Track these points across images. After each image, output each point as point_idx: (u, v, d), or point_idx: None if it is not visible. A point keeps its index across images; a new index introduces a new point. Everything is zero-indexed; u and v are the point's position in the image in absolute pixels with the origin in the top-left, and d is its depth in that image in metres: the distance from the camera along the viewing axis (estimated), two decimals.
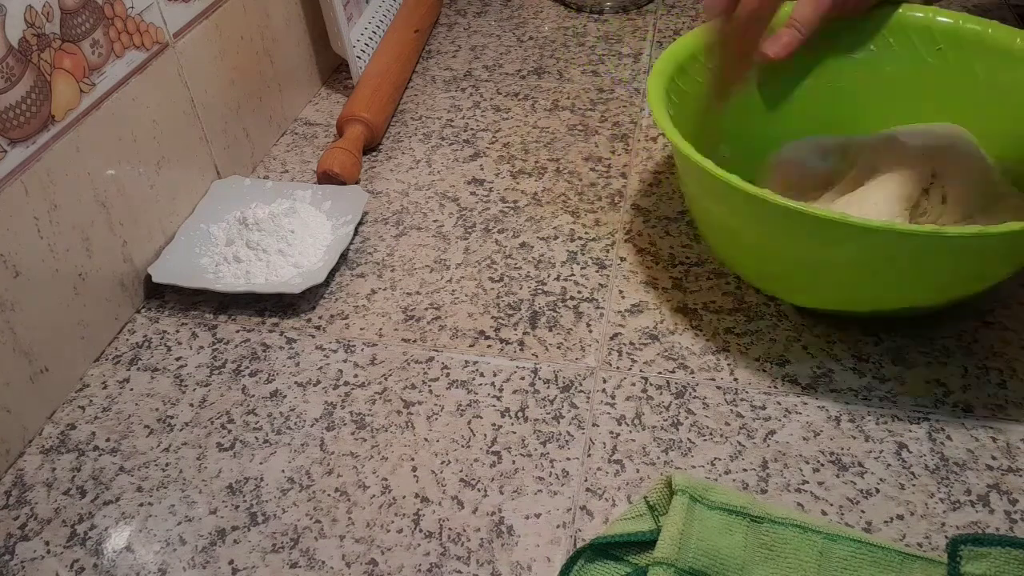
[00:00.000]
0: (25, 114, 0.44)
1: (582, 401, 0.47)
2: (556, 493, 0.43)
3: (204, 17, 0.59)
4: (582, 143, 0.68)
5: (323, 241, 0.57)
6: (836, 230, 0.41)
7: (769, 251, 0.47)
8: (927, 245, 0.41)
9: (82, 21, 0.48)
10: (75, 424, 0.47)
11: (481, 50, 0.82)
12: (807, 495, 0.42)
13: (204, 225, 0.58)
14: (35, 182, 0.45)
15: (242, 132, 0.65)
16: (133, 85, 0.52)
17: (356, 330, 0.52)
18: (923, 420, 0.45)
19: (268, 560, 0.40)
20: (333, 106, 0.75)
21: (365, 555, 0.40)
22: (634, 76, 0.76)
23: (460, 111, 0.73)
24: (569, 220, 0.60)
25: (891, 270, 0.44)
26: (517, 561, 0.40)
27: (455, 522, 0.42)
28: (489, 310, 0.53)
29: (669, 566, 0.35)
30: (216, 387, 0.49)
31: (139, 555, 0.41)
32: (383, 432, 0.46)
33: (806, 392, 0.47)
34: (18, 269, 0.44)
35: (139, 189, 0.54)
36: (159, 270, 0.54)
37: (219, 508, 0.43)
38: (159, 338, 0.53)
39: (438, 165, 0.66)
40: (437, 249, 0.58)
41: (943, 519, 0.41)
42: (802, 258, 0.46)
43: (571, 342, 0.51)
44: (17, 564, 0.41)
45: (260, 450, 0.46)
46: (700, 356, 0.49)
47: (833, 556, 0.36)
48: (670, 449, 0.44)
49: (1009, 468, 0.43)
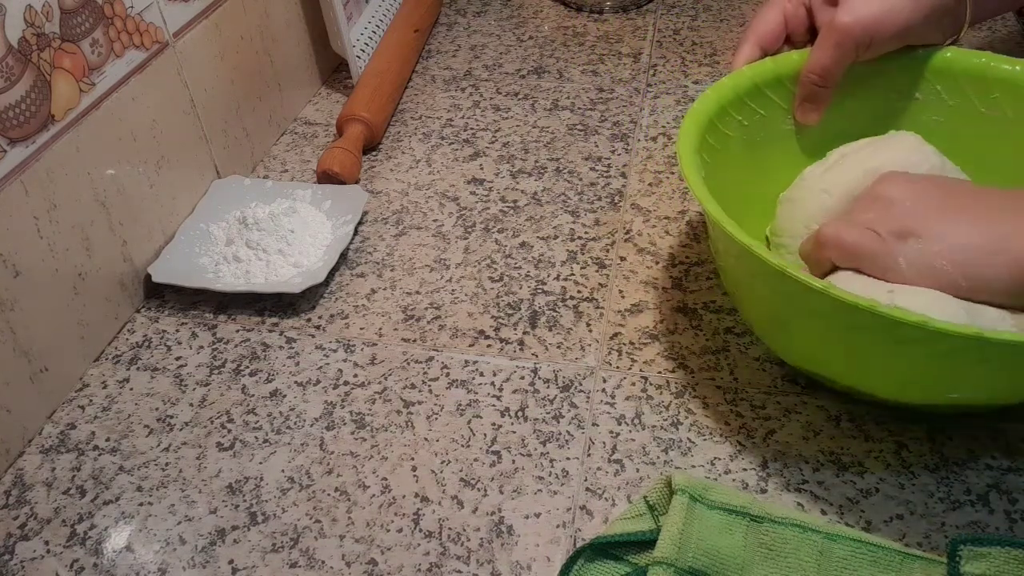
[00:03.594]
0: (25, 114, 0.44)
1: (582, 401, 0.47)
2: (556, 493, 0.43)
3: (204, 17, 0.59)
4: (582, 143, 0.68)
5: (323, 241, 0.57)
6: (909, 331, 0.36)
7: (826, 339, 0.42)
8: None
9: (82, 21, 0.48)
10: (75, 424, 0.47)
11: (481, 50, 0.82)
12: (807, 495, 0.42)
13: (204, 225, 0.58)
14: (35, 182, 0.45)
15: (242, 132, 0.65)
16: (133, 85, 0.52)
17: (356, 330, 0.52)
18: (923, 420, 0.45)
19: (268, 560, 0.40)
20: (333, 106, 0.75)
21: (365, 555, 0.40)
22: (634, 76, 0.76)
23: (460, 111, 0.73)
24: (569, 220, 0.60)
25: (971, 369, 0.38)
26: (517, 561, 0.40)
27: (455, 522, 0.42)
28: (489, 310, 0.53)
29: (669, 566, 0.35)
30: (216, 387, 0.49)
31: (139, 555, 0.41)
32: (383, 432, 0.46)
33: (806, 392, 0.47)
34: (18, 269, 0.44)
35: (139, 189, 0.54)
36: (159, 270, 0.54)
37: (219, 508, 0.43)
38: (159, 338, 0.53)
39: (438, 165, 0.66)
40: (437, 249, 0.58)
41: (943, 519, 0.41)
42: (867, 350, 0.40)
43: (571, 342, 0.51)
44: (17, 564, 0.41)
45: (260, 450, 0.46)
46: (700, 356, 0.49)
47: (833, 556, 0.36)
48: (670, 449, 0.44)
49: (1009, 468, 0.43)
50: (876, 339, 0.38)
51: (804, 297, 0.39)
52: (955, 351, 0.37)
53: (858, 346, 0.40)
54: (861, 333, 0.39)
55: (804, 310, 0.40)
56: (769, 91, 0.52)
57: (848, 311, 0.37)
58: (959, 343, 0.35)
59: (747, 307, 0.47)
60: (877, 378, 0.42)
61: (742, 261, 0.43)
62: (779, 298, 0.42)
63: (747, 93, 0.51)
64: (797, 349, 0.45)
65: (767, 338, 0.47)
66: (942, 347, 0.36)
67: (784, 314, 0.43)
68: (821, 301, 0.37)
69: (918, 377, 0.40)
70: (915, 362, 0.39)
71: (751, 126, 0.52)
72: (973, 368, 0.38)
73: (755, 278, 0.43)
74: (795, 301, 0.40)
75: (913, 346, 0.37)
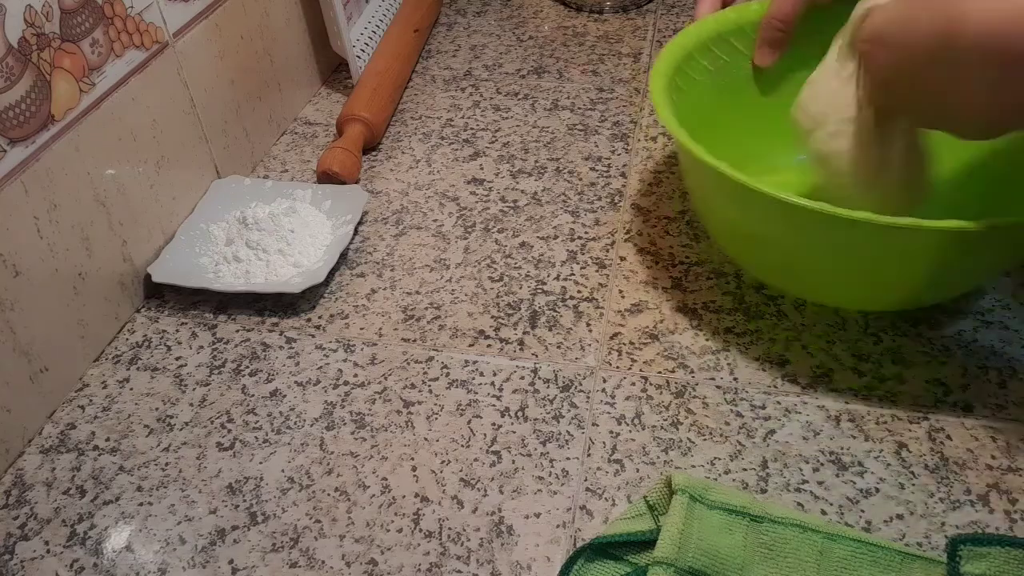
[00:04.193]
0: (25, 114, 0.44)
1: (582, 401, 0.47)
2: (556, 493, 0.43)
3: (204, 17, 0.59)
4: (582, 143, 0.68)
5: (323, 241, 0.57)
6: (857, 228, 0.41)
7: (783, 247, 0.47)
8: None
9: (82, 21, 0.48)
10: (75, 424, 0.47)
11: (481, 50, 0.82)
12: (807, 495, 0.42)
13: (204, 225, 0.58)
14: (35, 182, 0.45)
15: (242, 132, 0.65)
16: (133, 85, 0.52)
17: (356, 330, 0.52)
18: (923, 420, 0.45)
19: (268, 560, 0.40)
20: (333, 105, 0.75)
21: (365, 555, 0.40)
22: (634, 76, 0.76)
23: (460, 111, 0.73)
24: (569, 220, 0.60)
25: (912, 263, 0.44)
26: (517, 561, 0.40)
27: (455, 522, 0.42)
28: (489, 310, 0.53)
29: (669, 566, 0.35)
30: (216, 387, 0.49)
31: (139, 555, 0.41)
32: (383, 432, 0.46)
33: (806, 392, 0.47)
34: (18, 269, 0.44)
35: (139, 189, 0.54)
36: (159, 270, 0.54)
37: (219, 508, 0.43)
38: (159, 338, 0.53)
39: (438, 165, 0.66)
40: (437, 249, 0.58)
41: (943, 519, 0.41)
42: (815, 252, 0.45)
43: (571, 342, 0.51)
44: (17, 564, 0.41)
45: (260, 450, 0.46)
46: (700, 356, 0.49)
47: (833, 556, 0.36)
48: (670, 449, 0.44)
49: (1009, 468, 0.43)
50: (813, 234, 0.44)
51: (770, 209, 0.44)
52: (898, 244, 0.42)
53: (791, 242, 0.46)
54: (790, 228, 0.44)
55: (771, 222, 0.46)
56: (732, 39, 0.57)
57: (806, 216, 0.42)
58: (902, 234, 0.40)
59: (712, 224, 0.53)
60: (831, 278, 0.47)
61: (701, 176, 0.49)
62: (734, 205, 0.47)
63: (712, 40, 0.56)
64: (756, 257, 0.51)
65: (729, 250, 0.53)
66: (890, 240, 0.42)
67: (739, 220, 0.48)
68: (788, 211, 0.42)
69: (855, 271, 0.45)
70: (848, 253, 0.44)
71: (716, 71, 0.57)
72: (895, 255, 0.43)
73: (716, 193, 0.49)
74: (746, 205, 0.46)
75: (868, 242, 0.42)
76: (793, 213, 0.42)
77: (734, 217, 0.49)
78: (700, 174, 0.49)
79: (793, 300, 0.52)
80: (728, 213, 0.49)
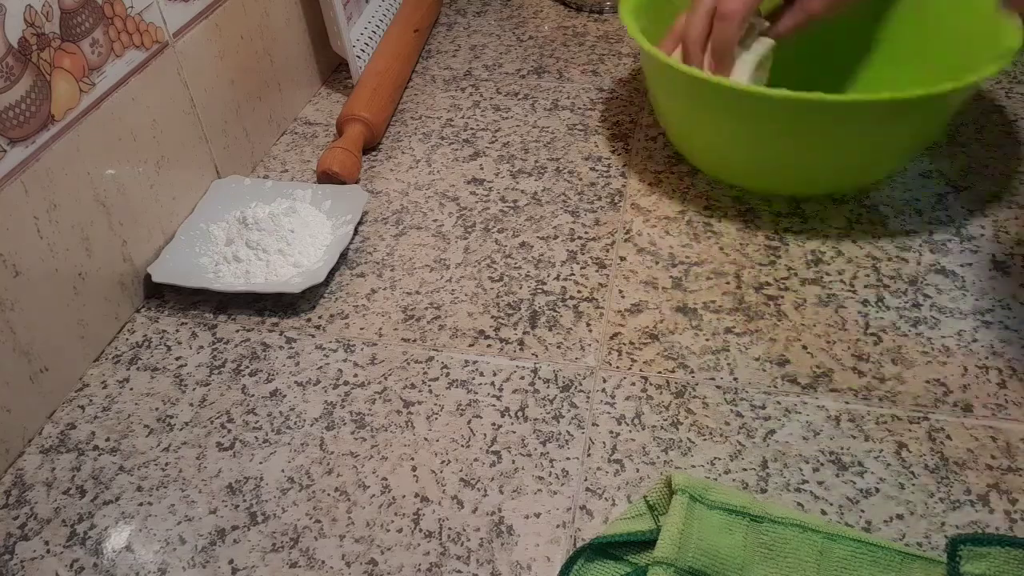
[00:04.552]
0: (25, 113, 0.44)
1: (582, 401, 0.47)
2: (556, 493, 0.43)
3: (204, 17, 0.59)
4: (582, 143, 0.68)
5: (323, 241, 0.57)
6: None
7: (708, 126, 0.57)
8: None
9: (82, 21, 0.48)
10: (75, 424, 0.47)
11: (481, 50, 0.82)
12: (807, 495, 0.42)
13: (204, 225, 0.58)
14: (35, 182, 0.45)
15: (242, 132, 0.65)
16: (133, 85, 0.52)
17: (356, 330, 0.52)
18: (923, 420, 0.45)
19: (268, 560, 0.40)
20: (333, 105, 0.75)
21: (365, 555, 0.40)
22: (634, 76, 0.76)
23: (460, 111, 0.73)
24: (569, 220, 0.60)
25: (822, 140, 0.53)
26: (517, 561, 0.40)
27: (455, 522, 0.42)
28: (489, 310, 0.53)
29: (669, 566, 0.35)
30: (216, 387, 0.49)
31: (139, 555, 0.41)
32: (383, 432, 0.46)
33: (806, 392, 0.47)
34: (18, 269, 0.44)
35: (139, 189, 0.54)
36: (159, 270, 0.54)
37: (219, 508, 0.43)
38: (159, 338, 0.53)
39: (438, 165, 0.66)
40: (437, 249, 0.58)
41: (943, 519, 0.41)
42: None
43: (571, 342, 0.51)
44: (17, 564, 0.41)
45: (260, 450, 0.46)
46: (700, 356, 0.49)
47: (833, 556, 0.36)
48: (670, 449, 0.44)
49: (1009, 468, 0.43)
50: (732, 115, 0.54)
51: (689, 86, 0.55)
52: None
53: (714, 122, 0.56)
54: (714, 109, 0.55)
55: (693, 99, 0.56)
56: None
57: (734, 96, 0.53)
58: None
59: (668, 121, 0.62)
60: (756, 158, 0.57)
61: (655, 71, 0.58)
62: (679, 93, 0.57)
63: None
64: (697, 146, 0.60)
65: (680, 145, 0.63)
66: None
67: (684, 110, 0.58)
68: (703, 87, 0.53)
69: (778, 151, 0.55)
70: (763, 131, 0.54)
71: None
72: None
73: (667, 84, 0.58)
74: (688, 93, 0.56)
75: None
76: (718, 93, 0.53)
77: (683, 108, 0.58)
78: (656, 71, 0.59)
79: (793, 300, 0.52)
80: (678, 104, 0.58)
